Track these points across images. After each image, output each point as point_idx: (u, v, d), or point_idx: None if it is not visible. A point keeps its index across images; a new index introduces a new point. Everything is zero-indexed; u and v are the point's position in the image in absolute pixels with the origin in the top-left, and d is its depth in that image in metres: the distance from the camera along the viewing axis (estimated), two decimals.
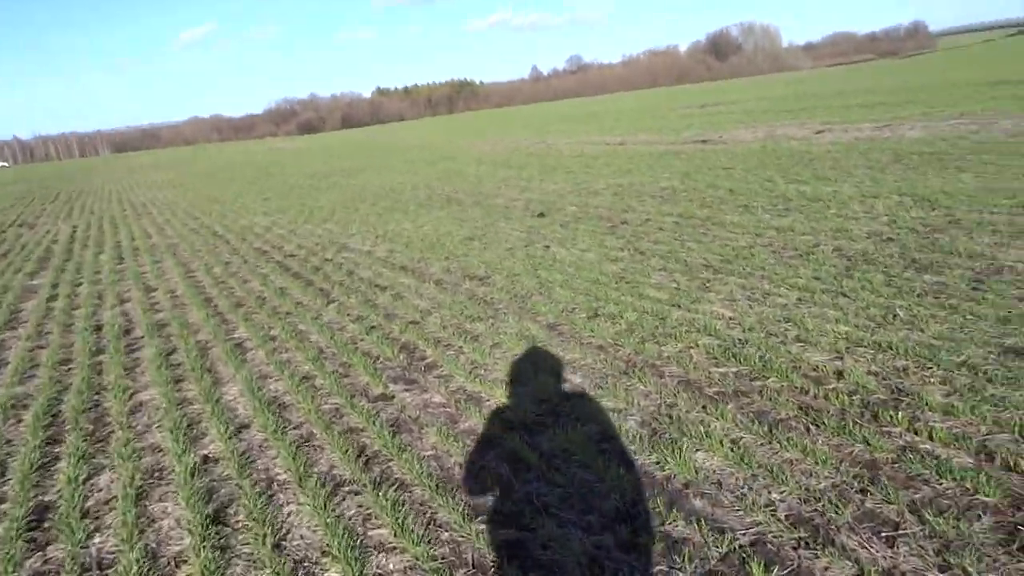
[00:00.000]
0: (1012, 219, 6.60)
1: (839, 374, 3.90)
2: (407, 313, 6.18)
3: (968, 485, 2.81)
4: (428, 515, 3.13)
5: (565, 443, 3.55)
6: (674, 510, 2.93)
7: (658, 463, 3.30)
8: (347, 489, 3.41)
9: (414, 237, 9.85)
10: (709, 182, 11.14)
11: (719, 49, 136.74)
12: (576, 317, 5.44)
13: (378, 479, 3.46)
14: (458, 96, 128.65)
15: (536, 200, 11.86)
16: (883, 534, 2.64)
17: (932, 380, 3.70)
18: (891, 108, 20.02)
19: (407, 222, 11.31)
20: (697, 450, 3.36)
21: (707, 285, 5.83)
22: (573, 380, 4.34)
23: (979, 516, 2.64)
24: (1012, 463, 2.91)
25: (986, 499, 2.72)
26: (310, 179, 22.64)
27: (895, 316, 4.62)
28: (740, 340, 4.55)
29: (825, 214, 7.88)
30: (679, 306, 5.37)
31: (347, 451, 3.75)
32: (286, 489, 3.46)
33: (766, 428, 3.44)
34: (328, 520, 3.12)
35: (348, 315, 6.36)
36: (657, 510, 2.95)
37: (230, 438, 4.04)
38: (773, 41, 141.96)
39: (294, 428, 4.15)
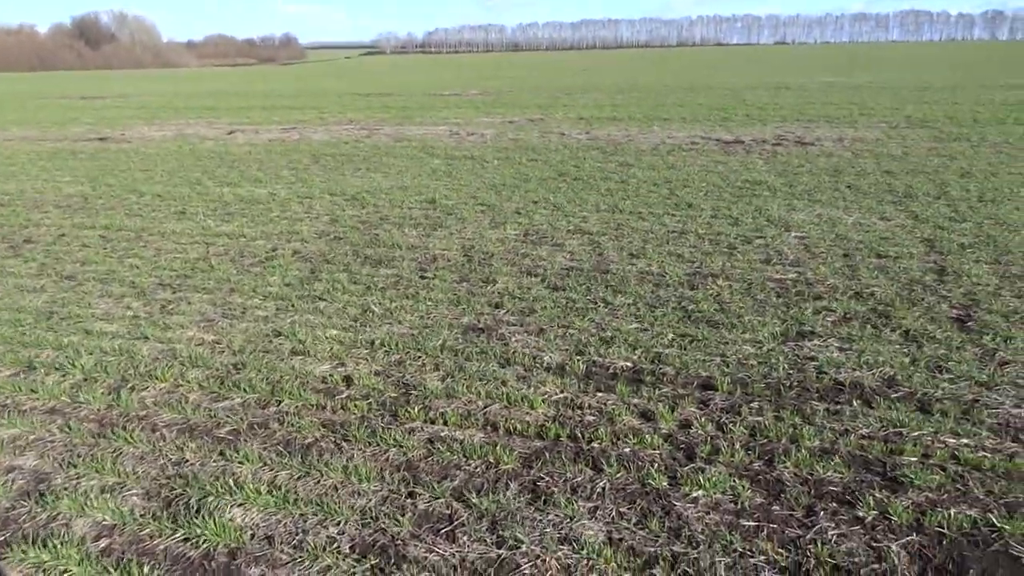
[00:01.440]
0: (426, 213, 7.78)
1: (348, 380, 3.90)
2: None
3: (490, 459, 3.15)
4: None
5: (42, 558, 2.58)
6: None
7: (188, 539, 2.70)
8: None
9: None
10: (128, 187, 9.80)
11: (89, 36, 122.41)
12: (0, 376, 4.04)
13: None
14: None
15: None
16: (442, 531, 2.73)
17: (426, 368, 4.03)
18: (290, 112, 21.30)
19: None
20: (231, 507, 2.87)
21: (170, 307, 5.09)
22: (26, 464, 3.20)
23: (508, 484, 2.98)
24: (511, 428, 3.39)
25: (507, 467, 3.09)
26: None
27: (372, 313, 4.88)
28: (236, 365, 4.10)
29: (269, 217, 7.83)
30: (146, 338, 4.53)
31: None
32: None
33: (299, 458, 3.18)
34: None
35: None
36: None
37: None
38: (151, 34, 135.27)
39: None
